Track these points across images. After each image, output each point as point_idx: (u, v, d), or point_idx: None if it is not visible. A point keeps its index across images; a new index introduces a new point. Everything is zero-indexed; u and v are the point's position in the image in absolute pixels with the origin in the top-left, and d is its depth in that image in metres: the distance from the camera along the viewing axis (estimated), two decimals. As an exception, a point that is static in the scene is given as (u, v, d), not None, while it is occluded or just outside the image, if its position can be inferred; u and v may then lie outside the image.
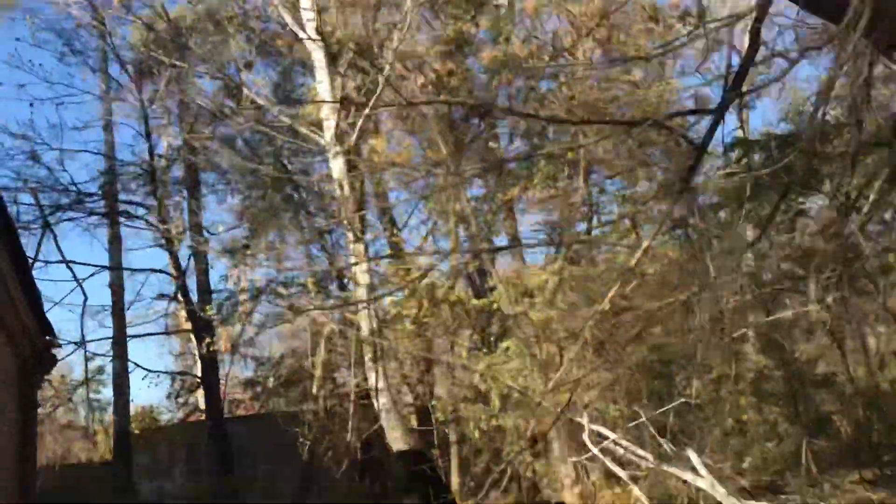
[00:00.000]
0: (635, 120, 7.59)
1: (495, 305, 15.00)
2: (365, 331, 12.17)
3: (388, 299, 14.03)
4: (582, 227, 17.86)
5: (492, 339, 15.09)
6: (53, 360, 8.96)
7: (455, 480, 14.10)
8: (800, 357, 12.51)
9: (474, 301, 15.94)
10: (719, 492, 8.36)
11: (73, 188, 14.19)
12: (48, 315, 8.40)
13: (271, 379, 16.51)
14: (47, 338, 8.67)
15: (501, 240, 18.16)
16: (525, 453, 11.98)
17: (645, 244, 7.00)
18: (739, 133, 15.92)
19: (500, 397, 12.60)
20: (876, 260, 13.02)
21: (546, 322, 12.97)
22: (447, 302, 14.38)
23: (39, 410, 13.49)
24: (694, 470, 8.71)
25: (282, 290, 16.00)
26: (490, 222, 17.07)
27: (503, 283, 14.02)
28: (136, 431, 14.76)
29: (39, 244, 13.14)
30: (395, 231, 16.44)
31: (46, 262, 13.28)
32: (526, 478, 12.63)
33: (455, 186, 12.32)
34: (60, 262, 13.46)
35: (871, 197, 7.43)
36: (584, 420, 9.78)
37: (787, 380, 11.75)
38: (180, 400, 15.62)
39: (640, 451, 9.26)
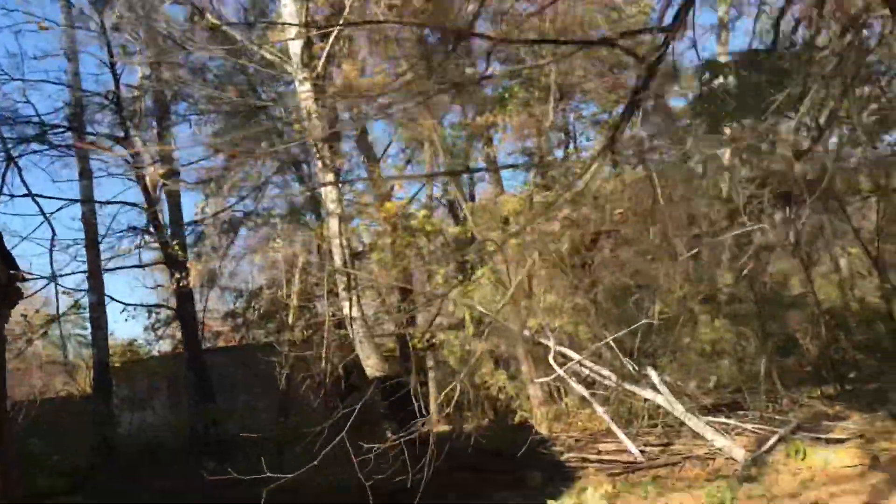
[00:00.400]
0: (589, 40, 7.44)
1: (470, 233, 15.06)
2: (337, 261, 12.19)
3: (362, 228, 14.04)
4: (560, 153, 17.84)
5: (468, 266, 15.20)
6: (19, 294, 8.92)
7: (433, 405, 14.41)
8: (767, 278, 12.66)
9: (451, 229, 15.98)
10: (677, 409, 8.61)
11: (38, 120, 13.86)
12: (17, 249, 8.33)
13: (251, 310, 16.61)
14: (11, 271, 8.61)
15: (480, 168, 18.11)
16: (495, 376, 12.28)
17: (594, 167, 6.97)
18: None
19: (474, 323, 12.81)
20: (848, 181, 13.10)
21: (518, 248, 13.06)
22: (423, 231, 14.39)
23: (19, 346, 13.61)
24: (654, 388, 8.93)
25: (257, 221, 15.98)
26: (467, 149, 16.96)
27: (471, 210, 14.00)
28: (117, 365, 14.92)
29: (3, 178, 12.91)
30: (370, 160, 16.32)
31: (12, 196, 13.08)
32: (500, 400, 12.94)
33: (420, 106, 12.17)
34: (26, 195, 13.26)
35: (825, 112, 7.40)
36: (551, 342, 9.97)
37: (755, 301, 11.92)
38: (158, 332, 15.76)
39: (604, 371, 9.48)
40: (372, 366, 11.93)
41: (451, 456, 9.40)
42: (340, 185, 13.20)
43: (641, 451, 8.67)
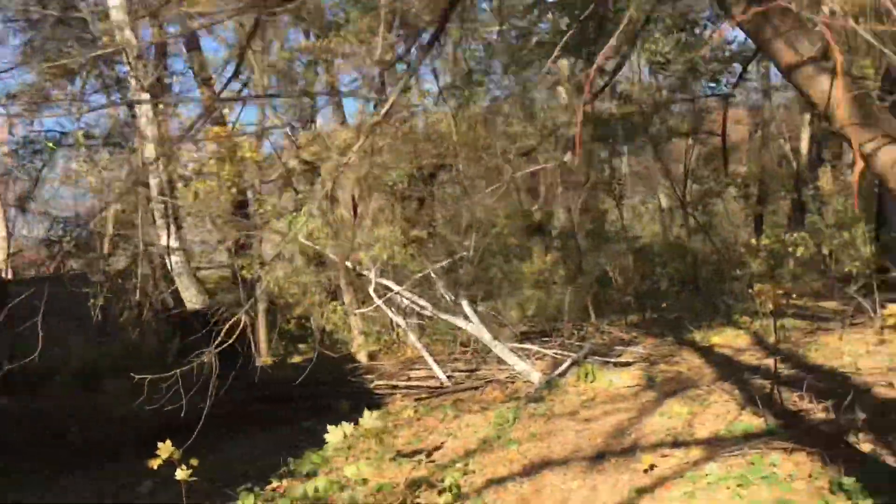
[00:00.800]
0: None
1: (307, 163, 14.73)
2: (154, 188, 11.52)
3: (186, 155, 13.27)
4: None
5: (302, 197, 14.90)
6: None
7: (262, 338, 14.23)
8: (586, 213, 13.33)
9: (291, 161, 15.54)
10: (485, 337, 8.96)
11: None
12: None
13: (68, 238, 15.49)
14: None
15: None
16: (322, 308, 12.26)
17: (392, 97, 6.92)
18: None
19: (303, 255, 12.64)
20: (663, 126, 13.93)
21: (353, 180, 12.92)
22: (252, 159, 13.86)
23: None
24: (466, 317, 9.25)
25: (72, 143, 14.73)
26: (307, 75, 16.42)
27: (308, 138, 13.62)
28: None
29: None
30: (202, 81, 15.44)
31: None
32: (327, 331, 12.97)
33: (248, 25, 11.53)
34: None
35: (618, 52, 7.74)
36: (372, 274, 10.03)
37: (569, 234, 12.56)
38: (-49, 259, 14.31)
39: (421, 302, 9.67)
40: (191, 298, 11.54)
41: (266, 386, 9.37)
42: (162, 107, 12.39)
43: (449, 377, 9.03)
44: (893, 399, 5.51)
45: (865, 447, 4.60)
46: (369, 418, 5.84)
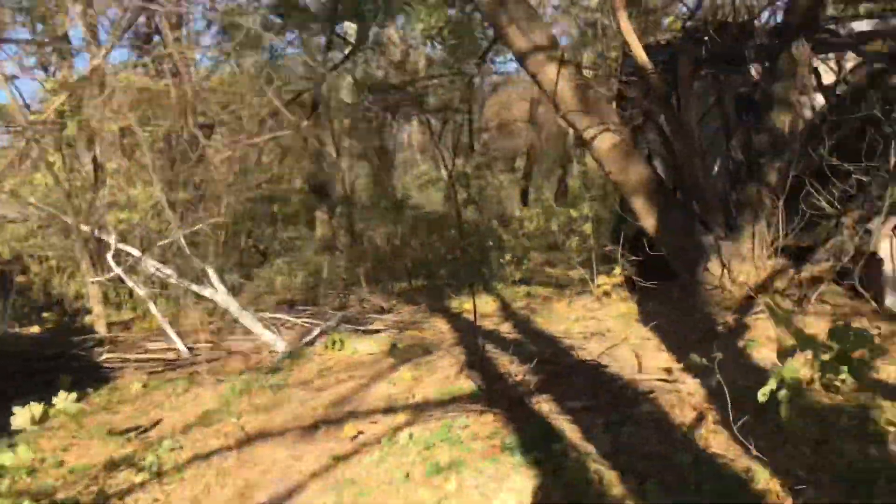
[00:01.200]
0: None
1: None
2: None
3: None
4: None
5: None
6: None
7: (-3, 306, 12.73)
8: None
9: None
10: (232, 306, 8.69)
11: None
12: None
13: None
14: None
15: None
16: (61, 274, 11.21)
17: (104, 51, 6.42)
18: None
19: (40, 217, 11.44)
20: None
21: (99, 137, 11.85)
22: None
23: None
24: (213, 286, 8.89)
25: None
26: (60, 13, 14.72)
27: (54, 85, 12.21)
28: None
29: None
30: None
31: None
32: (70, 299, 11.91)
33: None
34: None
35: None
36: (111, 239, 9.31)
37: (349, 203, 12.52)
38: None
39: (166, 270, 9.16)
40: None
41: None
42: None
43: (191, 349, 8.64)
44: (579, 363, 6.10)
45: (540, 407, 5.03)
46: (64, 399, 5.40)
